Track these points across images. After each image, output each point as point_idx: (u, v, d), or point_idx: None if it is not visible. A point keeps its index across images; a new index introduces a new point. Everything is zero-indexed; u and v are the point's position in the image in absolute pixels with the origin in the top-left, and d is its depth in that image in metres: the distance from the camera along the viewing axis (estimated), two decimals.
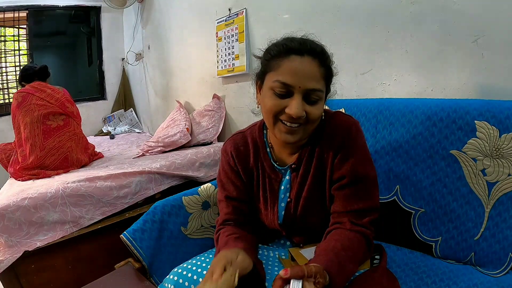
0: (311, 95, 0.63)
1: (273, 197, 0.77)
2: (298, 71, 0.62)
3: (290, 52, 0.64)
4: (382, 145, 0.94)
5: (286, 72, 0.63)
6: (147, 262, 0.90)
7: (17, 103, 1.60)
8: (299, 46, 0.64)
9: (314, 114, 0.64)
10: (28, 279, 1.19)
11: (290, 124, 0.64)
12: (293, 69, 0.62)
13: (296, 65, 0.62)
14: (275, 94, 0.64)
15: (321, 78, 0.64)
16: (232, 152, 0.79)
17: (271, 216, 0.76)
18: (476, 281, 0.73)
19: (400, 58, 1.12)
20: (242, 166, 0.78)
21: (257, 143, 0.79)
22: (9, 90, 2.91)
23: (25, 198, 1.18)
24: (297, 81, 0.62)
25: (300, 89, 0.62)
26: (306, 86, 0.62)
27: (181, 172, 1.59)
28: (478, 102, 0.81)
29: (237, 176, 0.79)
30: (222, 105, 2.03)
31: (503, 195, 0.74)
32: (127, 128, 3.15)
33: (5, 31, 2.91)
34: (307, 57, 0.63)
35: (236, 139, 0.81)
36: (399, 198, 0.90)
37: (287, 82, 0.62)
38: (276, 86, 0.63)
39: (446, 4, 0.98)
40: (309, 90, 0.63)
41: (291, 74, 0.62)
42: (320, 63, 0.64)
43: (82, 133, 1.77)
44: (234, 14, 1.81)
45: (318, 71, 0.64)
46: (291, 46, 0.64)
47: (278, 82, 0.63)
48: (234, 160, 0.79)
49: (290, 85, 0.62)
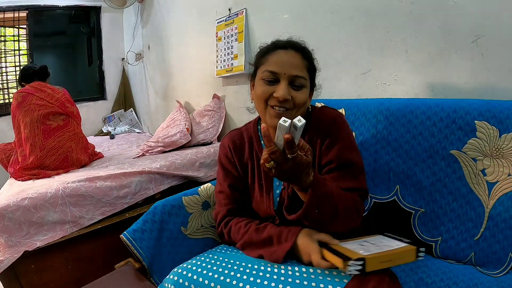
0: (295, 81, 0.72)
1: (268, 184, 0.81)
2: (283, 60, 0.72)
3: (277, 47, 0.75)
4: (382, 145, 0.94)
5: (273, 62, 0.73)
6: (147, 262, 0.90)
7: (17, 103, 1.60)
8: (284, 42, 0.76)
9: (299, 98, 0.72)
10: (28, 279, 1.19)
11: (278, 108, 0.72)
12: (279, 60, 0.73)
13: (281, 56, 0.73)
14: (265, 82, 0.73)
15: (304, 68, 0.74)
16: (230, 145, 0.88)
17: (267, 202, 0.81)
18: (476, 281, 0.73)
19: (400, 58, 1.12)
20: (238, 159, 0.87)
21: (252, 136, 0.87)
22: (9, 90, 2.91)
23: (25, 198, 1.18)
24: (282, 69, 0.71)
25: (285, 75, 0.71)
26: (290, 72, 0.71)
27: (181, 172, 1.59)
28: (478, 102, 0.81)
29: (234, 167, 0.87)
30: (222, 105, 2.03)
31: (503, 195, 0.74)
32: (127, 128, 3.15)
33: (5, 31, 2.91)
34: (291, 50, 0.74)
35: (233, 134, 0.91)
36: (399, 198, 0.90)
37: (274, 70, 0.72)
38: (265, 76, 0.73)
39: (446, 4, 0.98)
40: (294, 77, 0.72)
41: (277, 64, 0.72)
42: (303, 56, 0.75)
43: (82, 133, 1.77)
44: (234, 14, 1.81)
45: (301, 62, 0.74)
46: (277, 44, 0.77)
47: (266, 72, 0.73)
48: (231, 152, 0.87)
49: (277, 73, 0.72)
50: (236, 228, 0.80)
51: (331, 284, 0.59)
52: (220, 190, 0.88)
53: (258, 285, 0.61)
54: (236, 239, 0.79)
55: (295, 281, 0.61)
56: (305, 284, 0.59)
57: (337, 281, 0.60)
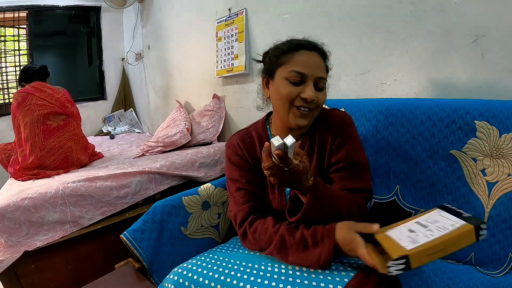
0: (319, 82, 0.74)
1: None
2: (310, 62, 0.73)
3: (300, 47, 0.75)
4: (382, 145, 0.94)
5: (300, 63, 0.73)
6: (147, 262, 0.90)
7: (17, 103, 1.60)
8: (307, 43, 0.76)
9: (321, 100, 0.75)
10: (28, 279, 1.19)
11: (303, 109, 0.73)
12: (306, 61, 0.73)
13: (308, 57, 0.74)
14: (291, 83, 0.73)
15: (325, 69, 0.77)
16: (239, 142, 0.87)
17: (279, 199, 0.81)
18: (476, 281, 0.73)
19: (400, 58, 1.12)
20: (249, 154, 0.85)
21: (262, 135, 0.87)
22: (9, 90, 2.91)
23: (25, 198, 1.18)
24: (310, 70, 0.72)
25: (312, 77, 0.72)
26: (317, 74, 0.73)
27: (181, 172, 1.59)
28: (478, 102, 0.81)
29: (246, 163, 0.85)
30: (222, 105, 2.03)
31: (503, 195, 0.74)
32: (127, 128, 3.15)
33: (5, 31, 2.91)
34: (315, 52, 0.75)
35: (240, 133, 0.90)
36: (399, 198, 0.90)
37: (302, 71, 0.72)
38: (292, 76, 0.73)
39: (446, 4, 0.98)
40: (319, 78, 0.74)
41: (305, 65, 0.73)
42: (323, 58, 0.77)
43: (82, 133, 1.77)
44: (234, 14, 1.81)
45: (323, 64, 0.76)
46: (301, 43, 0.75)
47: (293, 72, 0.72)
48: (242, 149, 0.86)
49: (305, 74, 0.72)
50: (263, 228, 0.74)
51: (332, 283, 0.59)
52: (238, 187, 0.83)
53: (259, 285, 0.61)
54: (263, 240, 0.74)
55: (295, 280, 0.61)
56: (305, 284, 0.60)
57: (338, 280, 0.60)
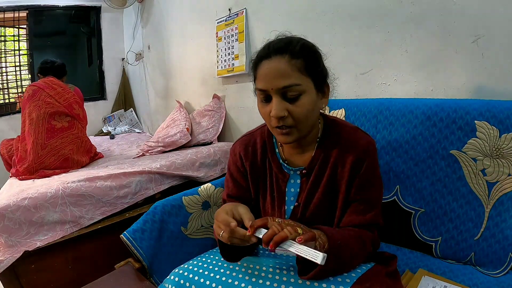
0: (287, 93, 0.63)
1: (280, 197, 0.77)
2: (267, 74, 0.63)
3: (261, 59, 0.66)
4: (382, 145, 0.94)
5: (260, 79, 0.65)
6: (147, 262, 0.90)
7: (28, 95, 1.63)
8: (266, 50, 0.65)
9: (297, 112, 0.63)
10: (28, 279, 1.19)
11: (280, 129, 0.65)
12: (263, 74, 0.64)
13: (265, 69, 0.64)
14: (261, 102, 0.67)
15: (294, 71, 0.62)
16: (241, 152, 0.81)
17: (278, 216, 0.77)
18: (476, 281, 0.73)
19: (400, 58, 1.12)
20: (250, 166, 0.80)
21: (266, 143, 0.80)
22: (9, 90, 2.91)
23: (25, 198, 1.18)
24: (268, 84, 0.63)
25: (273, 90, 0.63)
26: (277, 86, 0.62)
27: (181, 172, 1.59)
28: (478, 102, 0.81)
29: (242, 177, 0.81)
30: (222, 105, 2.03)
31: (503, 195, 0.74)
32: (127, 128, 3.15)
33: (5, 31, 2.90)
34: (274, 57, 0.63)
35: (245, 140, 0.83)
36: (399, 198, 0.90)
37: (262, 87, 0.64)
38: (258, 94, 0.67)
39: (446, 4, 0.98)
40: (283, 89, 0.62)
41: (263, 79, 0.64)
42: (291, 56, 0.63)
43: (86, 137, 1.78)
44: (234, 14, 1.81)
45: (289, 66, 0.62)
46: (260, 54, 0.67)
47: (257, 90, 0.67)
48: (242, 160, 0.81)
49: (265, 90, 0.64)
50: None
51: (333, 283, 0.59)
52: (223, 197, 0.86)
53: (259, 286, 0.61)
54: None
55: (297, 281, 0.61)
56: (307, 284, 0.59)
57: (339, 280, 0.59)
